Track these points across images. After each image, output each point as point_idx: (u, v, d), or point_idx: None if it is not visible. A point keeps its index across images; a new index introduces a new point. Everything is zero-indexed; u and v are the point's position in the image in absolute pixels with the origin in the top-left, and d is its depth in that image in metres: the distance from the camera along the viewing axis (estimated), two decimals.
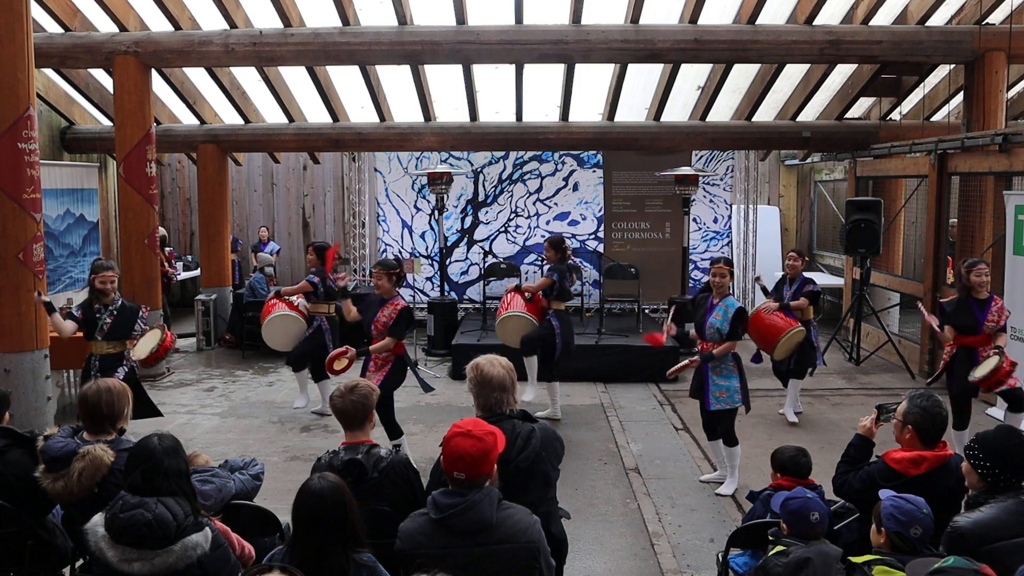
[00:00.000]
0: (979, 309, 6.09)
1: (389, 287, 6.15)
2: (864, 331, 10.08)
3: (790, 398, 7.76)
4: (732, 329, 5.77)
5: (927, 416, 3.46)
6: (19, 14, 6.16)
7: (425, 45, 8.97)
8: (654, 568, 4.84)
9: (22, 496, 3.67)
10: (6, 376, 6.20)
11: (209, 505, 3.43)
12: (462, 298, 12.30)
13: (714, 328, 5.80)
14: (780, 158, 14.06)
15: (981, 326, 6.06)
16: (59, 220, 10.45)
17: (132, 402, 3.79)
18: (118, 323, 6.01)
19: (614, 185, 12.16)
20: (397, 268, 6.31)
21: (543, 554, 2.84)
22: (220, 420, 7.81)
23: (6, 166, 6.13)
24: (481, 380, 3.27)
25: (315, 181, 14.26)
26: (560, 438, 3.42)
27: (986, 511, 2.99)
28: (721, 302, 5.86)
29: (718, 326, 5.78)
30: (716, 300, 5.89)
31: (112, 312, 5.99)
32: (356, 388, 3.54)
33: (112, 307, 6.01)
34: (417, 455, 5.99)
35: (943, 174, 9.02)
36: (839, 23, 9.14)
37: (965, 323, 6.11)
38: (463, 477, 2.77)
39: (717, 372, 5.84)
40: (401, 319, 6.07)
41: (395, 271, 6.24)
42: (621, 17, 8.99)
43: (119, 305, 6.05)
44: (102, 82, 11.08)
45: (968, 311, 6.11)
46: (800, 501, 3.25)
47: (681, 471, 6.43)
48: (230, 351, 10.94)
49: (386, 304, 6.13)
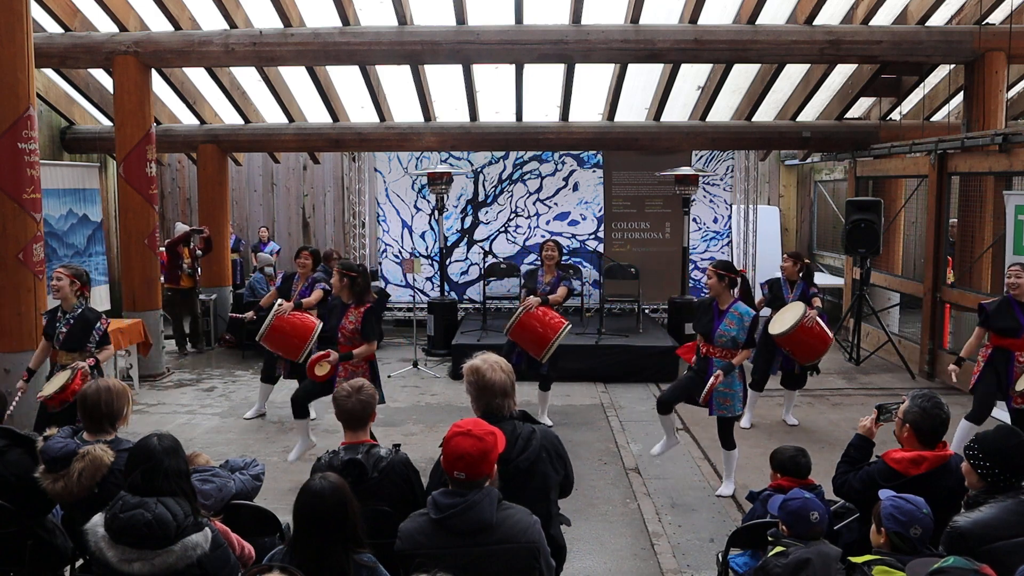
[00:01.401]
0: (1021, 311, 6.02)
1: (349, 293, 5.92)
2: (864, 331, 10.08)
3: (790, 403, 7.74)
4: (749, 337, 5.68)
5: (926, 416, 3.47)
6: (19, 14, 6.17)
7: (425, 45, 8.97)
8: (654, 568, 4.84)
9: (22, 496, 3.67)
10: (6, 376, 6.21)
11: (209, 505, 3.43)
12: (462, 298, 12.30)
13: (728, 336, 5.65)
14: (780, 158, 14.06)
15: (1022, 329, 5.99)
16: (62, 220, 10.44)
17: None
18: (73, 332, 5.42)
19: (614, 185, 12.16)
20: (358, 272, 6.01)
21: (543, 554, 2.83)
22: (220, 420, 7.81)
23: (6, 166, 6.14)
24: (482, 385, 3.24)
25: (315, 181, 14.26)
26: (558, 437, 3.41)
27: (986, 511, 2.99)
28: (731, 308, 5.69)
29: (733, 334, 5.64)
30: (724, 306, 5.73)
31: (68, 321, 5.41)
32: (362, 388, 3.56)
33: (70, 315, 5.43)
34: (417, 455, 5.97)
35: (943, 174, 9.02)
36: (839, 23, 9.15)
37: (1007, 325, 6.06)
38: (463, 477, 2.76)
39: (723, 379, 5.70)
40: (368, 320, 5.86)
41: (356, 274, 5.95)
42: (621, 17, 8.99)
43: (78, 313, 5.45)
44: (102, 82, 11.08)
45: (1010, 313, 6.05)
46: (799, 502, 3.25)
47: (681, 471, 6.43)
48: (230, 351, 10.95)
49: (349, 309, 5.93)
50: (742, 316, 5.65)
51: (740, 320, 5.64)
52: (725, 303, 5.74)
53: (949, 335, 9.30)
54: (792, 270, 7.51)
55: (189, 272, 10.72)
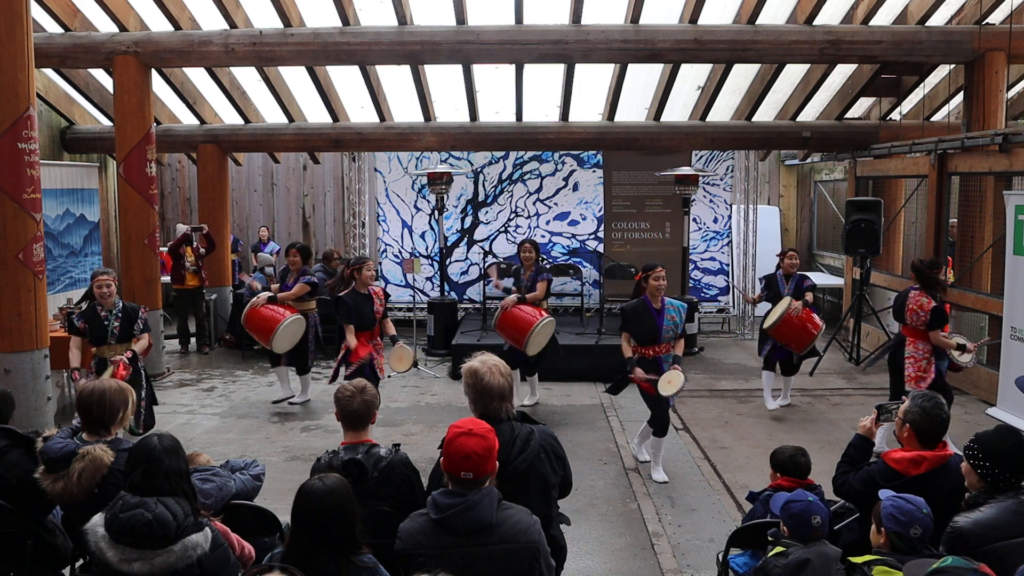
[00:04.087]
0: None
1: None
2: (864, 331, 10.07)
3: (787, 390, 8.01)
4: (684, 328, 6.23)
5: (926, 416, 3.47)
6: (19, 14, 6.16)
7: (425, 45, 8.97)
8: (654, 568, 4.84)
9: (22, 497, 3.67)
10: (6, 376, 6.21)
11: (209, 504, 3.43)
12: (462, 298, 12.30)
13: (672, 331, 6.11)
14: (780, 158, 14.05)
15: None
16: (59, 220, 10.44)
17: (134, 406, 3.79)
18: (124, 325, 6.18)
19: (614, 185, 12.15)
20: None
21: (543, 554, 2.83)
22: (220, 420, 7.81)
23: (6, 166, 6.13)
24: (481, 389, 3.23)
25: (315, 181, 14.26)
26: (556, 438, 3.41)
27: (986, 511, 2.99)
28: (666, 305, 6.10)
29: (674, 327, 6.11)
30: (658, 304, 6.10)
31: (118, 316, 6.16)
32: (366, 389, 3.56)
33: (116, 310, 6.16)
34: (417, 455, 5.97)
35: (943, 174, 9.02)
36: (839, 23, 9.15)
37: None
38: (471, 476, 2.75)
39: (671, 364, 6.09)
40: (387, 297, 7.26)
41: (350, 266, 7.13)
42: (621, 17, 8.99)
43: (121, 308, 6.21)
44: (102, 82, 11.08)
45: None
46: (802, 505, 3.24)
47: (681, 471, 6.43)
48: (230, 351, 10.95)
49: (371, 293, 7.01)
50: (679, 309, 6.14)
51: (679, 313, 6.11)
52: (658, 302, 6.11)
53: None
54: (792, 267, 7.88)
55: (194, 270, 10.73)
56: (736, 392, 8.68)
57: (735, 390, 8.75)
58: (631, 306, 6.22)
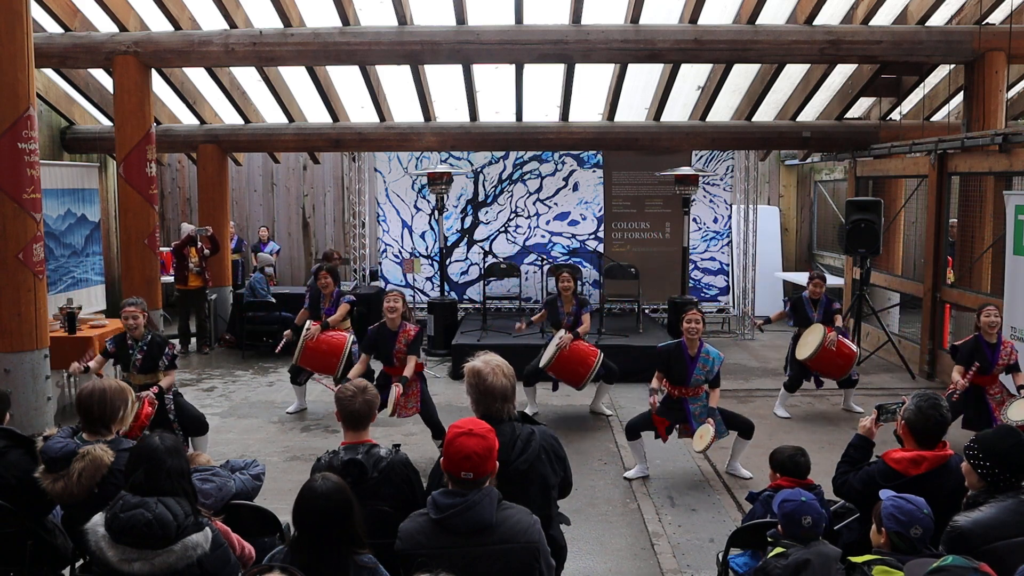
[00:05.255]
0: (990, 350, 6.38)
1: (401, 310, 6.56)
2: (864, 331, 10.08)
3: (848, 399, 8.06)
4: (717, 376, 6.11)
5: (920, 416, 3.48)
6: (19, 14, 6.15)
7: (425, 45, 8.97)
8: (654, 568, 4.84)
9: (22, 497, 3.67)
10: (6, 376, 6.20)
11: (209, 504, 3.43)
12: (462, 298, 12.30)
13: (701, 379, 6.05)
14: (780, 158, 14.06)
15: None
16: (60, 220, 10.44)
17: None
18: (148, 357, 6.04)
19: (614, 185, 12.16)
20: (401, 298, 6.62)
21: (543, 554, 2.83)
22: (220, 420, 7.80)
23: (6, 166, 6.13)
24: (484, 389, 3.23)
25: (315, 181, 14.26)
26: (557, 438, 3.41)
27: (986, 511, 2.99)
28: (701, 352, 6.05)
29: (705, 376, 6.04)
30: (694, 351, 6.06)
31: (142, 348, 6.01)
32: (367, 389, 3.56)
33: (142, 343, 6.02)
34: (417, 455, 5.98)
35: (943, 174, 9.02)
36: (839, 23, 9.15)
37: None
38: (471, 476, 2.75)
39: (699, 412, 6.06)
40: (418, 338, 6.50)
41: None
42: (621, 17, 8.99)
43: (148, 340, 6.04)
44: (102, 82, 11.08)
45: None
46: (794, 504, 3.24)
47: (681, 471, 6.43)
48: (230, 351, 10.95)
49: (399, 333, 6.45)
50: (714, 359, 6.07)
51: (712, 364, 6.05)
52: (694, 348, 6.08)
53: (949, 335, 9.30)
54: (820, 292, 7.85)
55: (198, 271, 10.72)
56: (736, 392, 8.67)
57: (735, 390, 8.74)
58: (666, 347, 6.26)
